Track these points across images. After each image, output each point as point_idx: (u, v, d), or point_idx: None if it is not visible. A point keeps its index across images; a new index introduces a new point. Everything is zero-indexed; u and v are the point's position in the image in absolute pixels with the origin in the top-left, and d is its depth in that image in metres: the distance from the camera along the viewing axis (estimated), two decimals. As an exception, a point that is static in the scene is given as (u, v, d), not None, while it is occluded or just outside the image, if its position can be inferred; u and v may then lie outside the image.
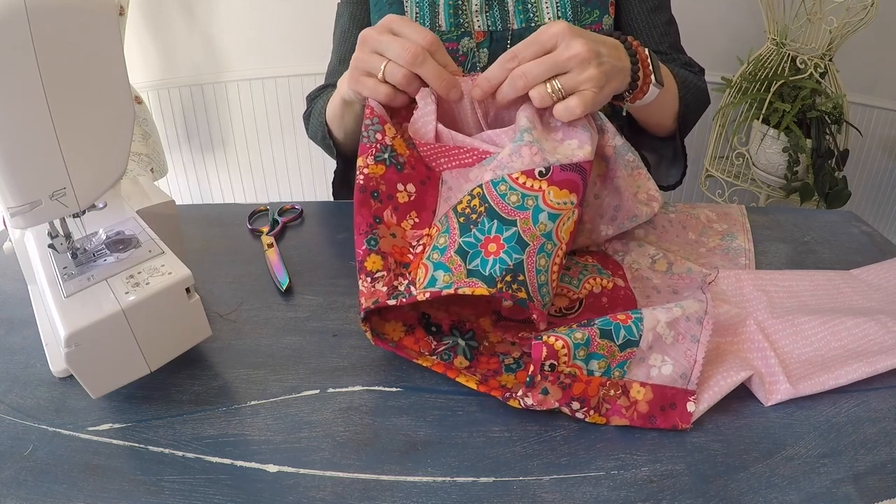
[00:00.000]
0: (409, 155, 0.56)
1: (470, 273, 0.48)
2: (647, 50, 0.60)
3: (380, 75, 0.55)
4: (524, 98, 0.54)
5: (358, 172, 0.54)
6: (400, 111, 0.59)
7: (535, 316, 0.47)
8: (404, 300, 0.48)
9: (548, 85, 0.52)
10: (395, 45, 0.54)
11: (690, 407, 0.45)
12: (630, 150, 0.59)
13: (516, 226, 0.49)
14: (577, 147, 0.52)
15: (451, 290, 0.46)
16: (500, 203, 0.50)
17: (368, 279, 0.51)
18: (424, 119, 0.55)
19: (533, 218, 0.49)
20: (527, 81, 0.52)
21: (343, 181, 0.81)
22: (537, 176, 0.50)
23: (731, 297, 0.58)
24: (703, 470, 0.42)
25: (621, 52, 0.57)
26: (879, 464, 0.42)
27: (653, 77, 0.60)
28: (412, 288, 0.49)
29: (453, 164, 0.56)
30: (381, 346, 0.50)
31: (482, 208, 0.50)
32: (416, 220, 0.55)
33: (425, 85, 0.55)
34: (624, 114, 0.82)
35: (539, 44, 0.52)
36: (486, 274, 0.47)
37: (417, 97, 0.56)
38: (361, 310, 0.49)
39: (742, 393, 0.48)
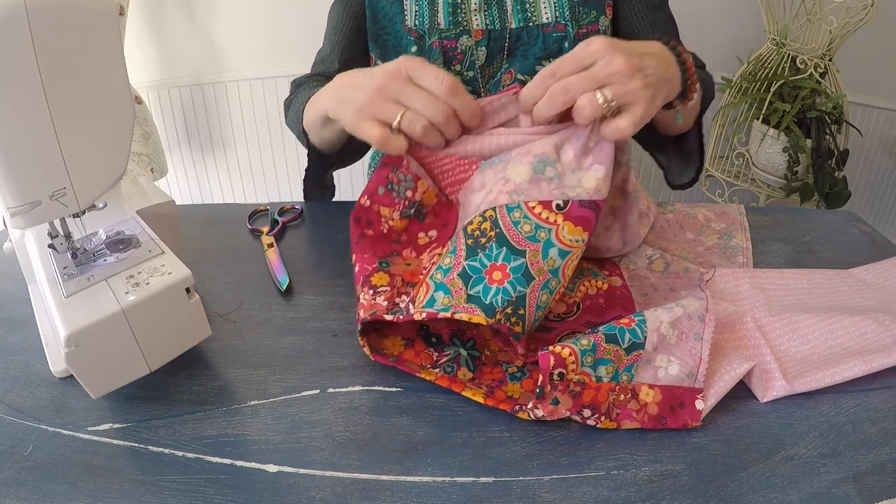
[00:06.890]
0: (436, 203, 0.57)
1: (470, 298, 0.47)
2: (691, 55, 0.57)
3: (394, 124, 0.53)
4: (551, 129, 0.54)
5: (382, 220, 0.55)
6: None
7: (519, 350, 0.47)
8: (401, 317, 0.48)
9: (598, 94, 0.48)
10: (418, 95, 0.52)
11: (699, 405, 0.45)
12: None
13: (525, 257, 0.48)
14: (602, 177, 0.51)
15: (448, 314, 0.46)
16: (511, 230, 0.49)
17: (371, 291, 0.52)
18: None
19: (543, 252, 0.48)
20: (566, 98, 0.49)
21: (315, 183, 0.79)
22: (554, 209, 0.49)
23: (728, 295, 0.58)
24: (703, 470, 0.42)
25: (669, 61, 0.55)
26: (879, 464, 0.42)
27: (697, 84, 0.58)
28: (411, 306, 0.50)
29: (455, 180, 0.57)
30: (381, 361, 0.50)
31: (492, 233, 0.49)
32: (435, 246, 0.56)
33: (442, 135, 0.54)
34: None
35: (579, 60, 0.50)
36: (487, 302, 0.47)
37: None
38: (359, 321, 0.50)
39: (742, 393, 0.48)
